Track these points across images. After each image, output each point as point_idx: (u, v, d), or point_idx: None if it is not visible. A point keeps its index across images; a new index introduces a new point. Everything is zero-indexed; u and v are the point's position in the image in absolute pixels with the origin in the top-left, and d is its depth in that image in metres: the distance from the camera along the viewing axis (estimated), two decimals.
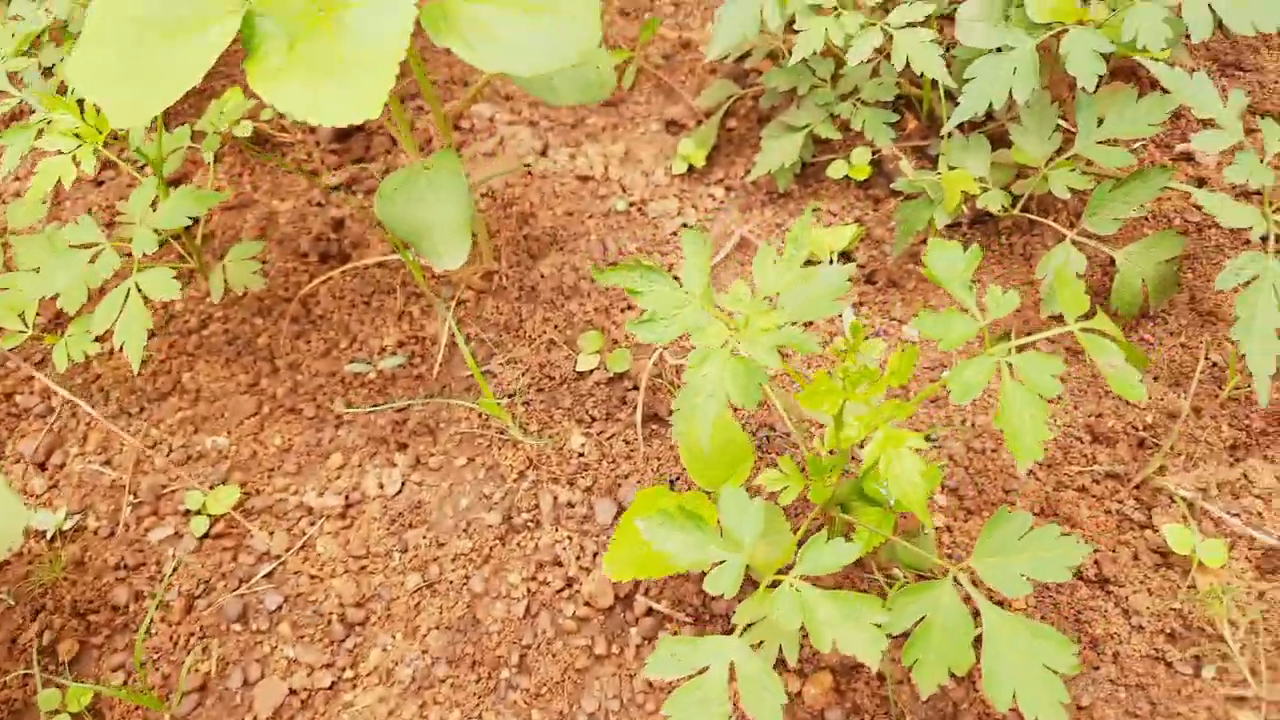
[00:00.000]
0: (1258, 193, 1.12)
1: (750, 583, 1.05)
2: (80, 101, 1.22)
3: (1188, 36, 1.13)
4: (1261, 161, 1.08)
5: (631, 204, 1.50)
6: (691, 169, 1.54)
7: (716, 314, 0.84)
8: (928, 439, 1.18)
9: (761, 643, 0.90)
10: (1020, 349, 0.81)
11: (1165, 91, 1.14)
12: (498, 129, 1.59)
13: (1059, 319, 1.24)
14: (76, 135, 1.16)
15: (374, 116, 0.77)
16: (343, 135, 1.63)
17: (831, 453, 0.94)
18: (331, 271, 1.40)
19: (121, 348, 1.12)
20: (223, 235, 1.48)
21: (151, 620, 1.08)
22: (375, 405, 1.25)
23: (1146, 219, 1.36)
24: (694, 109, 1.64)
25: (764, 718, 0.72)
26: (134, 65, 0.86)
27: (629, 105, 1.68)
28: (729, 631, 0.78)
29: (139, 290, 1.11)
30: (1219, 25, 1.13)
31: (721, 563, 0.78)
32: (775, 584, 0.79)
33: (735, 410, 1.20)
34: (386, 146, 1.60)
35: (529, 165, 1.55)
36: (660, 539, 0.78)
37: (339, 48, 0.82)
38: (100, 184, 1.60)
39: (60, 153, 1.17)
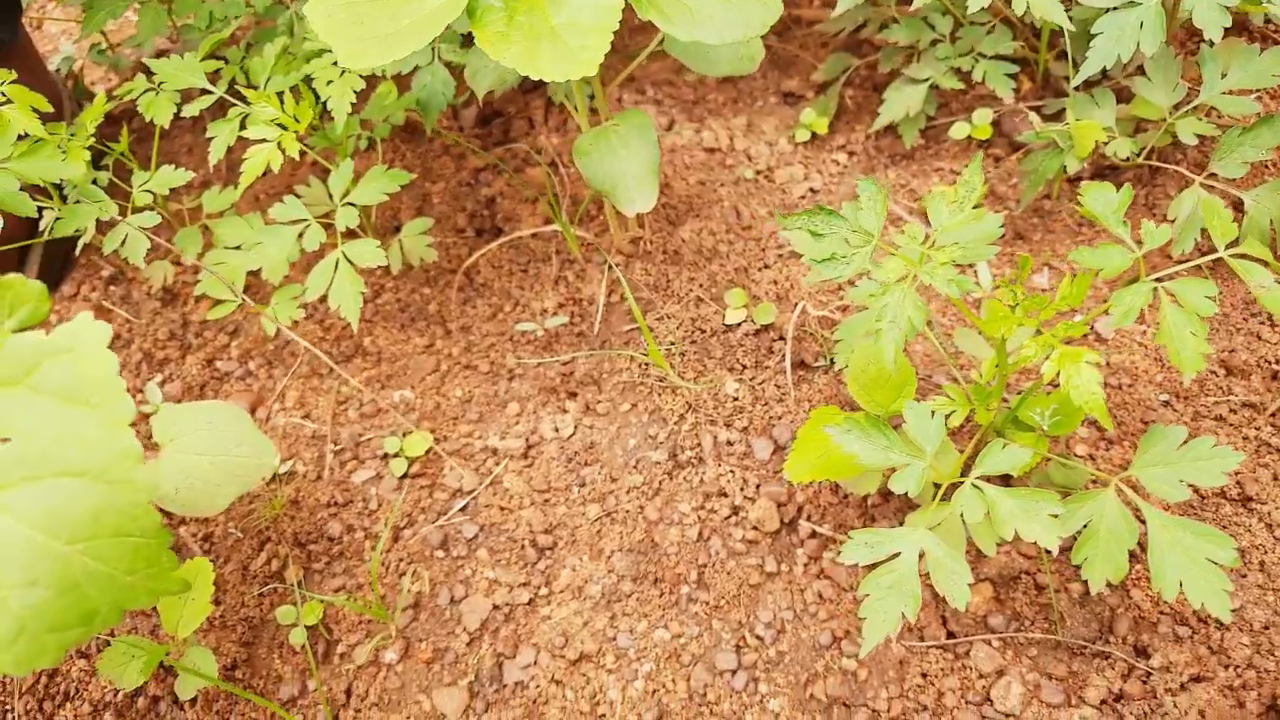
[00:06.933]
0: None
1: (908, 504, 1.15)
2: (280, 94, 1.36)
3: None
4: None
5: (758, 172, 1.60)
6: (814, 136, 1.63)
7: (892, 251, 0.93)
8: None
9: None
10: (1170, 278, 0.89)
11: None
12: (625, 109, 1.69)
13: (1187, 261, 1.30)
14: (279, 125, 1.30)
15: (591, 74, 0.89)
16: (484, 121, 1.76)
17: (991, 382, 1.03)
18: (489, 244, 1.53)
19: (338, 308, 1.26)
20: (381, 216, 1.62)
21: (375, 547, 1.22)
22: (544, 359, 1.38)
23: (1269, 165, 1.40)
24: (810, 81, 1.73)
25: (953, 593, 0.82)
26: (362, 19, 0.98)
27: (746, 81, 1.78)
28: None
29: (347, 259, 1.25)
30: None
31: (906, 466, 0.87)
32: (951, 491, 0.89)
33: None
34: (524, 129, 1.72)
35: (657, 140, 1.65)
36: (848, 443, 0.88)
37: (550, 20, 0.94)
38: (266, 174, 1.76)
39: (265, 141, 1.32)
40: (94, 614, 0.71)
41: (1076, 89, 1.35)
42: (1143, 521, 0.99)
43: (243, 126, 1.37)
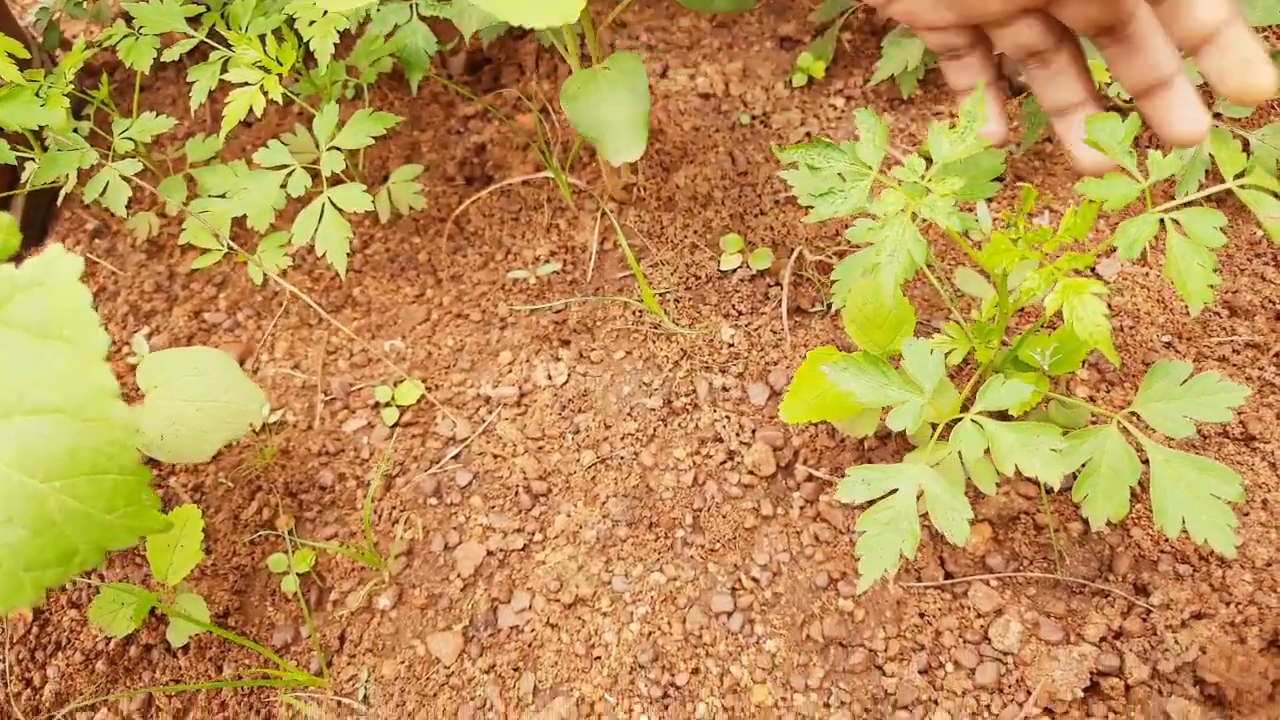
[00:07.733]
0: None
1: (906, 447, 1.13)
2: (262, 36, 1.33)
3: None
4: None
5: (754, 117, 1.57)
6: (811, 81, 1.60)
7: (892, 184, 0.91)
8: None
9: None
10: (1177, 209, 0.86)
11: None
12: (616, 52, 1.65)
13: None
14: (261, 68, 1.27)
15: (572, 21, 0.85)
16: (473, 68, 1.72)
17: (991, 319, 1.01)
18: (479, 192, 1.50)
19: (325, 254, 1.23)
20: (370, 165, 1.58)
21: (367, 495, 1.21)
22: (537, 307, 1.35)
23: (1275, 105, 1.37)
24: (806, 25, 1.68)
25: (953, 530, 0.80)
26: None
27: (741, 25, 1.74)
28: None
29: (333, 204, 1.22)
30: None
31: (904, 403, 0.85)
32: (950, 430, 0.87)
33: None
34: (515, 76, 1.68)
35: (650, 86, 1.61)
36: (845, 381, 0.86)
37: None
38: (249, 125, 1.72)
39: (247, 84, 1.28)
40: (72, 553, 0.70)
41: None
42: (1145, 461, 0.97)
43: (224, 71, 1.33)
